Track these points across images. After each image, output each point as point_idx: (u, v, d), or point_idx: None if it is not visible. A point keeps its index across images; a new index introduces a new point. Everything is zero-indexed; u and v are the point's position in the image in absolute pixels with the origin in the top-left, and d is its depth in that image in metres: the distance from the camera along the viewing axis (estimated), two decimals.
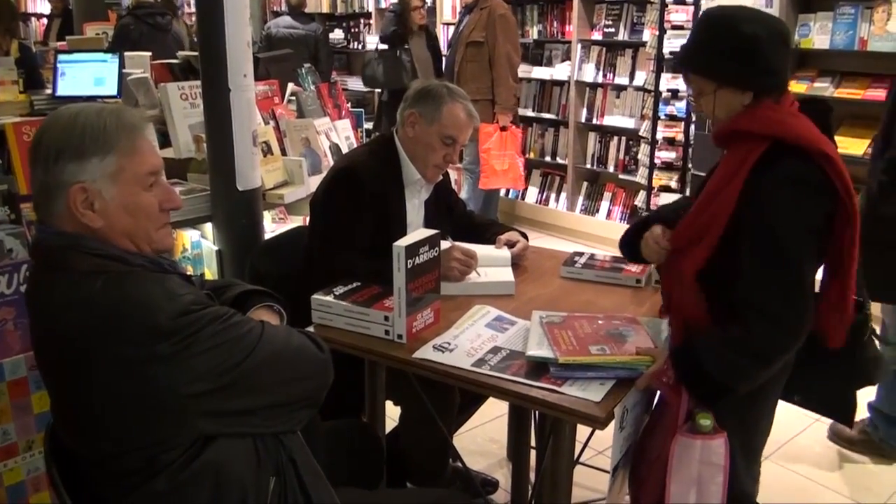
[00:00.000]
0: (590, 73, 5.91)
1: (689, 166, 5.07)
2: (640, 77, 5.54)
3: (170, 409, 1.39)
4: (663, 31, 5.04)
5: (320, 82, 4.19)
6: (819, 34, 4.65)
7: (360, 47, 7.89)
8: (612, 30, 5.75)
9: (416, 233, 2.09)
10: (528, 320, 2.11)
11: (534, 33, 6.28)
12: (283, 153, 3.25)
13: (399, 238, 2.04)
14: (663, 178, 5.12)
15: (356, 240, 2.41)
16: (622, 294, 2.39)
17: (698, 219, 1.84)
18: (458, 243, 2.47)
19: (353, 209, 2.42)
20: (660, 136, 5.21)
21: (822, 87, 4.66)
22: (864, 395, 2.79)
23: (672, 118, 5.16)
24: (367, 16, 7.69)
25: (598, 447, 2.92)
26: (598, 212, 6.08)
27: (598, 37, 5.85)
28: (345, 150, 3.53)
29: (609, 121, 5.87)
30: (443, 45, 6.44)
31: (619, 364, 1.82)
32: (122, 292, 1.39)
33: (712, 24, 1.84)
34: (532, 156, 6.44)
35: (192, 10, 6.68)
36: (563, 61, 6.14)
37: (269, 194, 3.01)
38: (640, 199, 5.39)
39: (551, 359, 1.84)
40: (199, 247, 3.05)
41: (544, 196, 6.46)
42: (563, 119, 6.16)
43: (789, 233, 1.71)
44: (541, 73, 6.23)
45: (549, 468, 1.96)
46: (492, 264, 2.51)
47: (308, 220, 2.68)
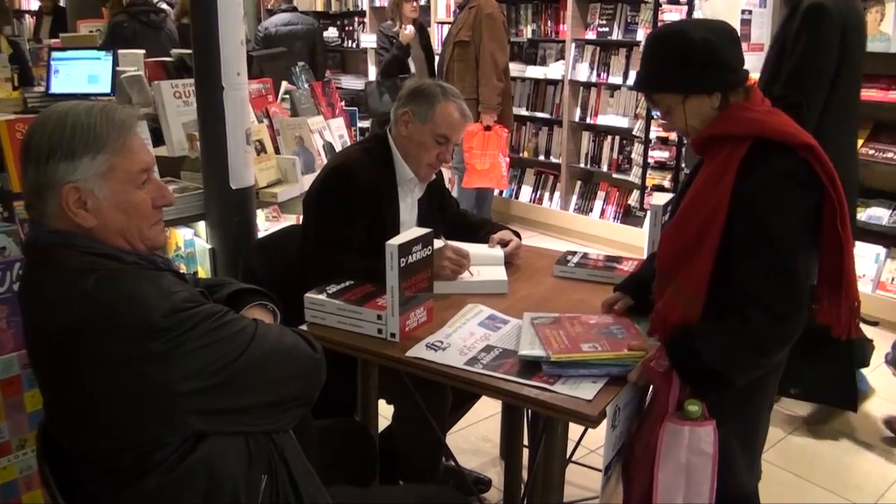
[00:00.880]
0: (584, 73, 5.92)
1: (683, 165, 5.08)
2: (634, 76, 5.54)
3: (162, 407, 1.39)
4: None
5: (314, 80, 4.19)
6: None
7: (354, 45, 7.89)
8: (606, 29, 5.76)
9: (409, 232, 2.09)
10: (520, 319, 2.11)
11: (528, 32, 6.29)
12: (277, 152, 3.25)
13: (392, 237, 2.05)
14: (657, 178, 5.13)
15: (349, 238, 2.41)
16: None
17: (686, 227, 1.84)
18: (450, 242, 2.47)
19: (346, 207, 2.42)
20: (653, 135, 5.22)
21: None
22: None
23: None
24: (362, 14, 7.69)
25: (591, 446, 2.93)
26: (591, 211, 6.09)
27: (592, 36, 5.86)
28: (338, 148, 3.53)
29: (603, 120, 5.88)
30: (437, 44, 6.44)
31: (612, 361, 1.83)
32: (116, 289, 1.39)
33: (662, 41, 1.89)
34: (526, 155, 6.45)
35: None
36: (556, 60, 6.15)
37: (262, 193, 3.01)
38: (633, 199, 5.40)
39: (543, 357, 1.84)
40: (192, 245, 3.04)
41: (538, 195, 6.47)
42: (557, 118, 6.17)
43: (782, 227, 1.72)
44: (535, 72, 6.24)
45: (542, 467, 1.96)
46: (485, 263, 2.51)
47: (301, 218, 2.68)
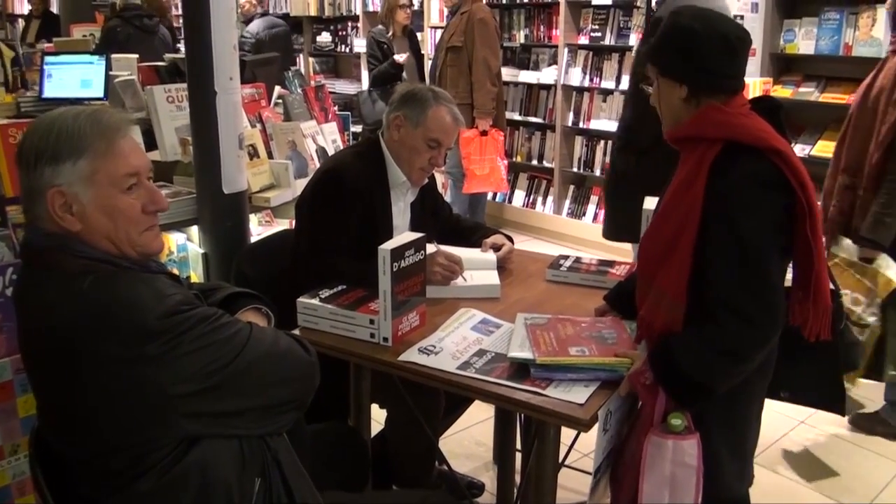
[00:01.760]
0: (576, 77, 5.93)
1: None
2: (627, 81, 5.55)
3: (156, 410, 1.39)
4: (649, 37, 5.07)
5: (307, 85, 4.20)
6: (804, 39, 4.70)
7: (347, 50, 7.89)
8: (599, 34, 5.78)
9: (402, 236, 2.10)
10: (513, 323, 2.12)
11: (520, 37, 6.31)
12: (270, 156, 3.25)
13: (385, 241, 2.05)
14: None
15: (341, 242, 2.41)
16: None
17: (663, 230, 1.86)
18: (442, 247, 2.48)
19: (338, 211, 2.42)
20: None
21: (808, 92, 4.70)
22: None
23: None
24: (355, 18, 7.70)
25: (584, 450, 2.93)
26: (584, 215, 6.11)
27: (584, 41, 5.88)
28: (331, 153, 3.54)
29: (595, 124, 5.89)
30: (429, 49, 6.45)
31: (599, 366, 1.84)
32: (111, 292, 1.40)
33: (666, 19, 1.93)
34: (519, 159, 6.46)
35: (179, 12, 6.67)
36: (549, 65, 6.16)
37: (255, 197, 3.01)
38: None
39: (531, 359, 1.85)
40: (184, 250, 3.04)
41: (531, 199, 6.48)
42: (550, 123, 6.18)
43: (752, 230, 1.73)
44: (527, 76, 6.26)
45: (535, 471, 1.97)
46: (477, 267, 2.51)
47: (294, 222, 2.68)
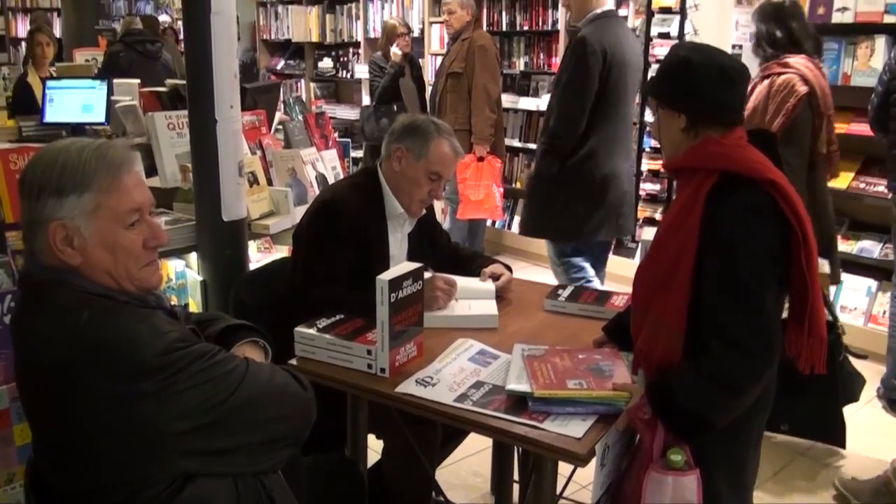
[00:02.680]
0: None
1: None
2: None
3: (152, 446, 1.39)
4: (647, 66, 5.10)
5: (308, 112, 4.22)
6: None
7: (348, 76, 7.93)
8: None
9: (400, 266, 2.10)
10: (511, 354, 2.11)
11: (520, 64, 6.34)
12: (270, 183, 3.25)
13: (382, 271, 2.05)
14: (648, 210, 5.15)
15: (338, 272, 2.42)
16: None
17: (659, 259, 1.86)
18: (438, 274, 2.48)
19: (334, 242, 2.43)
20: (644, 167, 5.25)
21: None
22: None
23: (657, 150, 5.20)
24: (356, 45, 7.74)
25: (583, 481, 2.90)
26: None
27: None
28: (331, 180, 3.54)
29: None
30: (430, 75, 6.48)
31: (597, 399, 1.83)
32: (108, 327, 1.39)
33: (667, 52, 1.97)
34: (518, 186, 6.46)
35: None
36: (549, 92, 6.17)
37: (254, 224, 3.01)
38: None
39: (528, 392, 1.84)
40: (183, 276, 3.04)
41: None
42: None
43: (747, 260, 1.73)
44: (527, 103, 6.28)
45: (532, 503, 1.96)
46: (476, 297, 2.51)
47: (291, 251, 2.68)
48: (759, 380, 1.76)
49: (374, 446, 2.50)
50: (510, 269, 2.74)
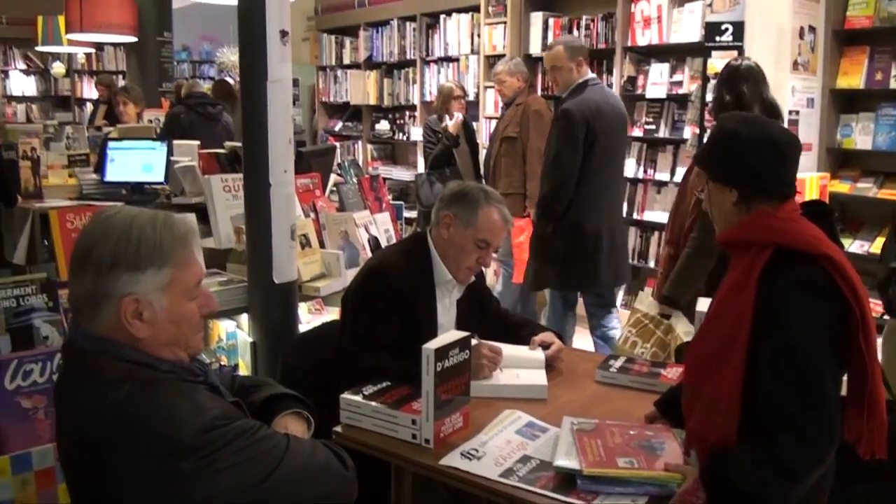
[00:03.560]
0: (630, 169, 5.91)
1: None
2: (681, 173, 5.52)
3: None
4: (703, 130, 5.05)
5: (363, 175, 4.26)
6: (861, 135, 4.66)
7: (404, 138, 8.03)
8: (653, 126, 5.79)
9: (447, 335, 2.07)
10: (560, 427, 2.06)
11: None
12: (322, 245, 3.28)
13: (429, 339, 2.03)
14: None
15: (385, 338, 2.41)
16: None
17: (712, 336, 1.80)
18: (484, 341, 2.45)
19: (382, 308, 2.42)
20: None
21: (866, 188, 4.64)
22: None
23: None
24: (412, 108, 7.86)
25: None
26: None
27: (638, 133, 5.88)
28: (384, 242, 3.56)
29: (649, 216, 5.85)
30: (484, 139, 6.52)
31: (648, 480, 1.76)
32: (148, 403, 1.38)
33: (717, 121, 1.97)
34: None
35: None
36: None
37: (305, 286, 3.03)
38: None
39: (577, 470, 1.79)
40: (234, 337, 3.06)
41: None
42: None
43: (803, 339, 1.67)
44: None
45: None
46: (525, 366, 2.47)
47: (340, 315, 2.68)
48: (818, 466, 1.68)
49: None
50: (561, 337, 2.69)
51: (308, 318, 3.48)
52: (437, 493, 2.21)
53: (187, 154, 4.50)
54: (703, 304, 2.43)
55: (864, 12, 4.62)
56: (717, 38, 4.69)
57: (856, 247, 4.60)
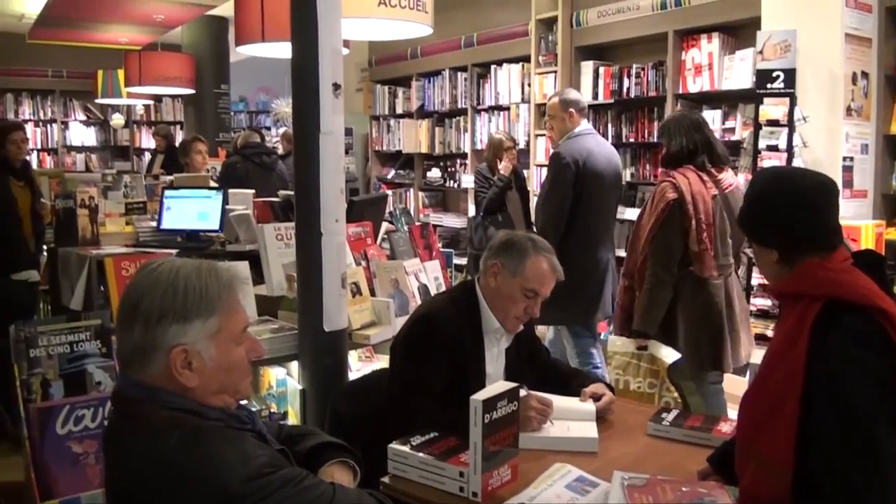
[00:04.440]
0: None
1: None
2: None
3: None
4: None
5: (413, 223, 4.30)
6: None
7: (455, 185, 8.08)
8: None
9: (495, 386, 2.06)
10: (610, 482, 2.01)
11: (626, 175, 6.32)
12: (373, 293, 3.29)
13: (477, 388, 2.01)
14: (759, 326, 4.94)
15: (432, 388, 2.39)
16: None
17: (764, 391, 1.76)
18: (533, 392, 2.42)
19: (430, 357, 2.42)
20: (755, 281, 5.08)
21: None
22: None
23: None
24: (463, 156, 7.92)
25: None
26: None
27: None
28: (433, 290, 3.56)
29: None
30: (535, 187, 6.53)
31: None
32: (196, 451, 1.39)
33: (752, 179, 1.97)
34: None
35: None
36: None
37: (355, 334, 3.04)
38: None
39: None
40: (283, 385, 3.07)
41: None
42: None
43: (859, 394, 1.62)
44: (633, 214, 6.21)
45: None
46: (575, 418, 2.43)
47: (389, 363, 2.68)
48: None
49: None
50: (612, 388, 2.65)
51: (358, 365, 3.49)
52: None
53: (242, 203, 4.59)
54: (757, 355, 2.38)
55: None
56: (769, 85, 4.66)
57: None
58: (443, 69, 8.03)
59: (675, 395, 3.63)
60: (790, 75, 4.59)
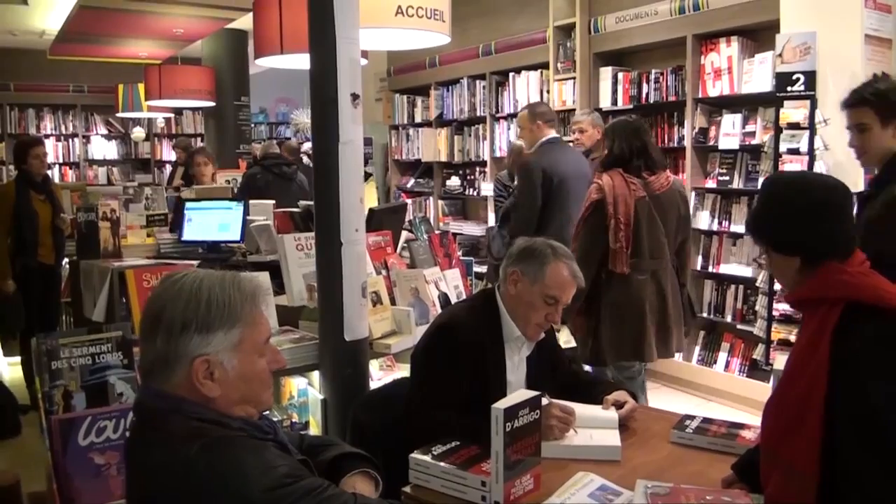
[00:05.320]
0: (705, 221, 5.83)
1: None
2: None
3: None
4: None
5: (433, 231, 4.29)
6: None
7: (475, 193, 8.08)
8: (727, 178, 5.70)
9: (516, 394, 2.05)
10: (633, 491, 2.00)
11: None
12: (393, 302, 3.29)
13: (498, 397, 2.00)
14: (782, 332, 4.89)
15: (453, 396, 2.38)
16: None
17: (787, 397, 1.74)
18: (555, 401, 2.40)
19: (450, 366, 2.41)
20: (777, 286, 5.03)
21: None
22: None
23: None
24: (482, 164, 7.91)
25: None
26: (715, 363, 5.86)
27: (712, 185, 5.80)
28: (454, 299, 3.55)
29: (725, 269, 5.72)
30: None
31: None
32: (218, 461, 1.40)
33: (762, 189, 1.93)
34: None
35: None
36: None
37: (376, 343, 3.04)
38: (758, 352, 5.17)
39: None
40: (305, 394, 3.08)
41: None
42: None
43: (883, 398, 1.60)
44: None
45: None
46: (597, 426, 2.41)
47: (409, 372, 2.68)
48: None
49: None
50: (635, 396, 2.63)
51: (379, 374, 3.49)
52: None
53: (263, 213, 4.61)
54: (780, 360, 2.35)
55: None
56: (789, 88, 4.63)
57: None
58: (461, 78, 8.04)
59: None
60: (810, 78, 4.55)
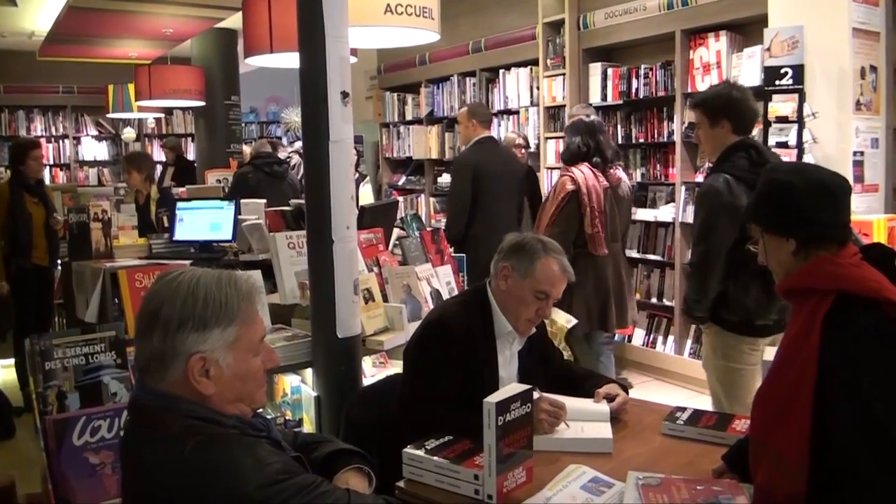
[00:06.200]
0: (691, 213, 5.84)
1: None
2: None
3: None
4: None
5: (424, 228, 4.30)
6: None
7: None
8: None
9: (508, 388, 2.06)
10: (625, 482, 2.01)
11: (637, 176, 6.31)
12: (385, 299, 3.30)
13: (490, 391, 2.02)
14: None
15: (445, 392, 2.40)
16: None
17: (777, 388, 1.76)
18: (545, 395, 2.42)
19: (442, 361, 2.42)
20: None
21: None
22: None
23: None
24: None
25: None
26: None
27: (701, 179, 5.82)
28: (445, 295, 3.56)
29: None
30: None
31: None
32: (212, 458, 1.41)
33: (762, 175, 1.95)
34: (638, 297, 6.33)
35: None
36: (667, 203, 6.12)
37: (369, 340, 3.05)
38: None
39: None
40: (298, 392, 3.09)
41: (651, 338, 6.32)
42: (669, 260, 6.08)
43: (874, 390, 1.61)
44: (645, 214, 6.22)
45: None
46: (589, 419, 2.43)
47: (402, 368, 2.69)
48: None
49: None
50: (626, 388, 2.64)
51: (372, 371, 3.50)
52: None
53: (254, 212, 4.61)
54: (770, 351, 2.37)
55: None
56: (778, 82, 4.65)
57: None
58: (451, 75, 8.05)
59: (569, 353, 4.57)
60: (798, 71, 4.57)
